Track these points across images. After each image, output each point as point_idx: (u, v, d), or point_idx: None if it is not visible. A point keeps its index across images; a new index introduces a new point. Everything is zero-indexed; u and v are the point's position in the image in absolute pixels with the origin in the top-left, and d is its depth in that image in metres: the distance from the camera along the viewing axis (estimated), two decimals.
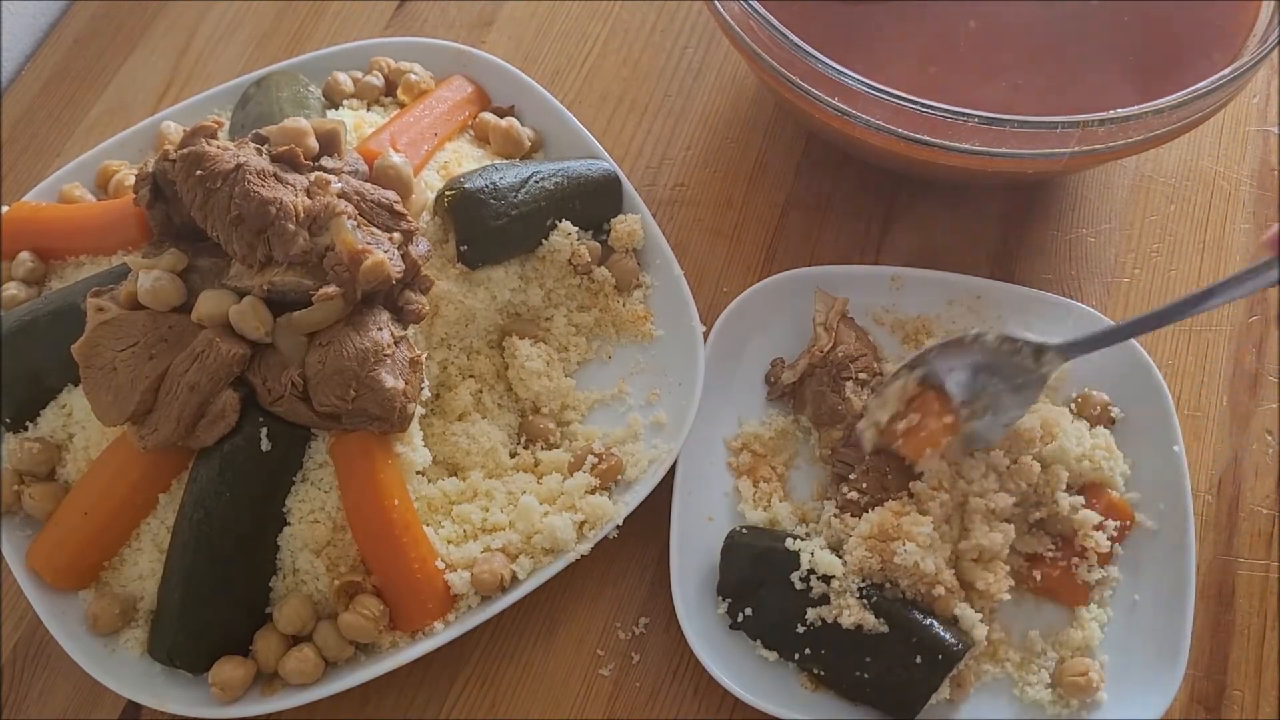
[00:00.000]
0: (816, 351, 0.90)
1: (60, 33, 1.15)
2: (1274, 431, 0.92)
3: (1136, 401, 0.88)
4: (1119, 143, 0.81)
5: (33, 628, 0.86)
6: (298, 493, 0.79)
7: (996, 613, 0.82)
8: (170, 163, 0.78)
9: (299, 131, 0.81)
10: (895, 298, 0.94)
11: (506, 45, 1.13)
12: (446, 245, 0.88)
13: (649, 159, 1.06)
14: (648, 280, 0.94)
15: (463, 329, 0.89)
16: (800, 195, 1.03)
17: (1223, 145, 1.05)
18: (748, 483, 0.88)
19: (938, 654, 0.77)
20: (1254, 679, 0.84)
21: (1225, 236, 1.00)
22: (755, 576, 0.81)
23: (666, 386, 0.89)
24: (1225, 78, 0.80)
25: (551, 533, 0.81)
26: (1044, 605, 0.83)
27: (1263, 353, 0.95)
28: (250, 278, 0.77)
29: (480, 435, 0.86)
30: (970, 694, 0.80)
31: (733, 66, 1.10)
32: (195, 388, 0.75)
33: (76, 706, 0.84)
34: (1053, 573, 0.83)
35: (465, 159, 0.93)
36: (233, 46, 1.14)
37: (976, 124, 0.79)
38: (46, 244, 0.89)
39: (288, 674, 0.78)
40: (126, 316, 0.78)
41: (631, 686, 0.84)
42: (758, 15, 0.83)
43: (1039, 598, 0.83)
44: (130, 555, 0.81)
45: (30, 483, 0.83)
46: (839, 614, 0.78)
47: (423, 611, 0.79)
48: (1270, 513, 0.89)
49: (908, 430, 0.81)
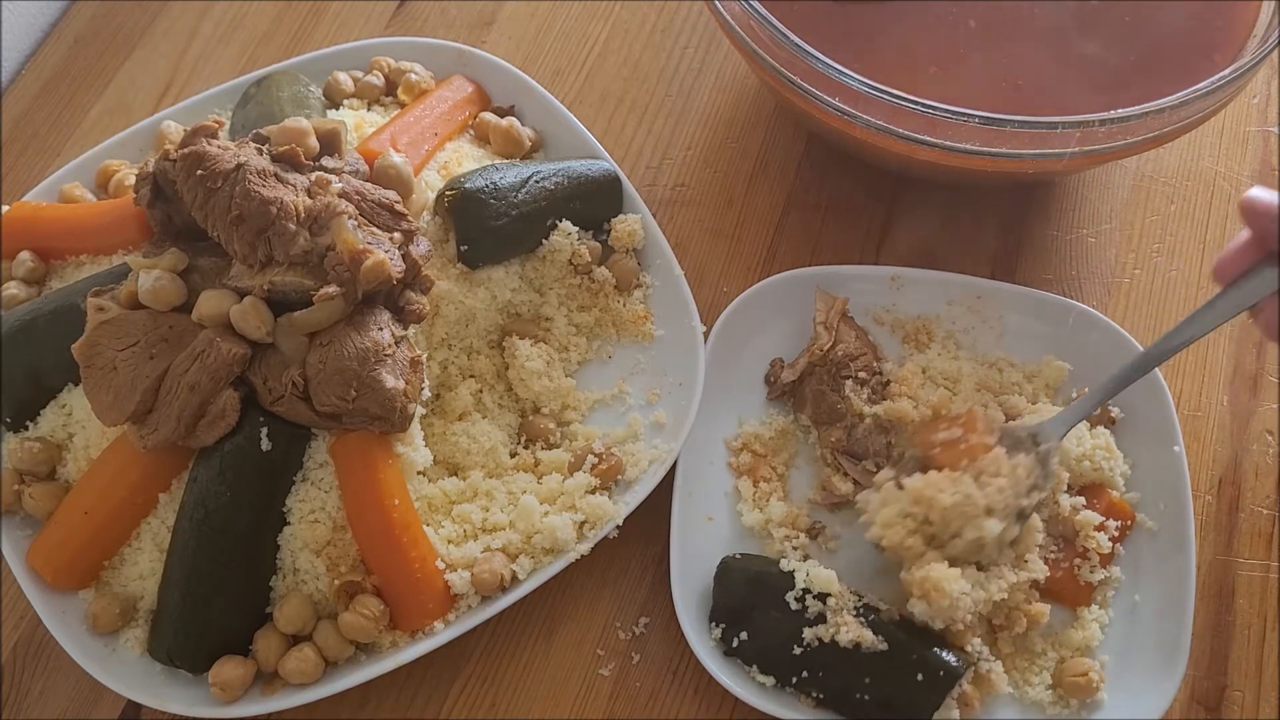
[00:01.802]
0: (816, 350, 0.90)
1: (60, 33, 1.15)
2: (1274, 432, 0.92)
3: (1136, 401, 0.88)
4: (1119, 143, 0.81)
5: (33, 627, 0.86)
6: (298, 492, 0.79)
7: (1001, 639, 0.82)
8: (171, 162, 0.78)
9: (300, 131, 0.81)
10: (895, 298, 0.94)
11: (507, 45, 1.13)
12: (447, 245, 0.88)
13: (649, 159, 1.06)
14: (648, 280, 0.94)
15: (463, 329, 0.89)
16: (800, 195, 1.03)
17: (1223, 145, 1.05)
18: (748, 483, 0.88)
19: (939, 672, 0.76)
20: (1254, 679, 0.84)
21: (1225, 236, 1.00)
22: (750, 600, 0.81)
23: (666, 386, 0.90)
24: (1225, 78, 0.80)
25: (551, 532, 0.81)
26: (1045, 605, 0.83)
27: (1263, 353, 0.95)
28: (251, 277, 0.77)
29: (480, 435, 0.86)
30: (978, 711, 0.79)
31: (733, 66, 1.10)
32: (196, 387, 0.75)
33: (76, 706, 0.84)
34: (1055, 573, 0.82)
35: (466, 159, 0.93)
36: (233, 46, 1.14)
37: (976, 124, 0.79)
38: (46, 244, 0.89)
39: (288, 674, 0.78)
40: (127, 316, 0.78)
41: (631, 686, 0.84)
42: (758, 15, 0.83)
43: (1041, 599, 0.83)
44: (130, 555, 0.81)
45: (30, 482, 0.83)
46: (836, 632, 0.78)
47: (423, 611, 0.79)
48: (1270, 513, 0.89)
49: (948, 442, 0.80)
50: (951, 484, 0.77)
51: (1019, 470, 0.78)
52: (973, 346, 0.92)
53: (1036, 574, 0.81)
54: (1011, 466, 0.78)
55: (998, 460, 0.78)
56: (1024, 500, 0.78)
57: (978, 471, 0.78)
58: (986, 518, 0.76)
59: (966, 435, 0.79)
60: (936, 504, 0.76)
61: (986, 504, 0.76)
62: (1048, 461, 0.80)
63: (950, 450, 0.79)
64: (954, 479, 0.77)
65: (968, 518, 0.76)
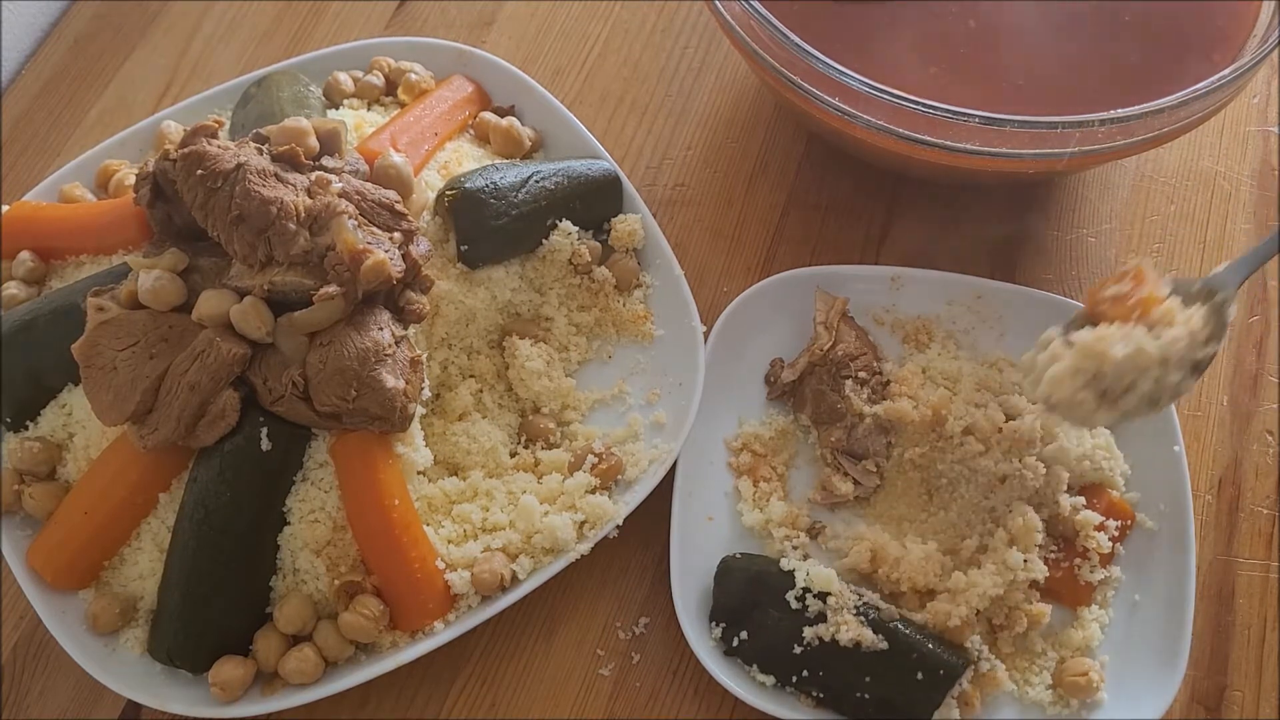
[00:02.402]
0: (816, 350, 0.90)
1: (60, 33, 1.15)
2: (1274, 432, 0.92)
3: None
4: (1119, 143, 0.81)
5: (33, 627, 0.86)
6: (298, 492, 0.79)
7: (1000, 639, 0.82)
8: (171, 162, 0.78)
9: (300, 131, 0.81)
10: (895, 298, 0.94)
11: (507, 45, 1.13)
12: (447, 245, 0.88)
13: (649, 159, 1.06)
14: (648, 280, 0.94)
15: (463, 329, 0.89)
16: (800, 195, 1.03)
17: (1223, 145, 1.05)
18: (748, 483, 0.88)
19: (939, 671, 0.76)
20: (1254, 679, 0.84)
21: (1225, 236, 1.00)
22: (750, 599, 0.81)
23: (666, 386, 0.90)
24: (1225, 78, 0.80)
25: (552, 532, 0.81)
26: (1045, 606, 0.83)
27: (1263, 353, 0.95)
28: (251, 277, 0.77)
29: (480, 435, 0.86)
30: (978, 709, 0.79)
31: (733, 66, 1.10)
32: (196, 387, 0.75)
33: (76, 706, 0.84)
34: (1055, 574, 0.83)
35: (466, 159, 0.93)
36: (233, 46, 1.14)
37: (976, 124, 0.79)
38: (46, 244, 0.89)
39: (288, 674, 0.78)
40: (127, 316, 0.78)
41: (631, 686, 0.84)
42: (758, 15, 0.83)
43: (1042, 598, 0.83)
44: (130, 555, 0.81)
45: (30, 482, 0.83)
46: (836, 630, 0.78)
47: (423, 611, 0.79)
48: (1270, 513, 0.89)
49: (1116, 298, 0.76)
50: (1123, 337, 0.73)
51: (1194, 321, 0.74)
52: (973, 346, 0.92)
53: (1036, 574, 0.81)
54: (1186, 317, 0.74)
55: (1171, 311, 0.74)
56: (1199, 353, 0.74)
57: (1150, 323, 0.74)
58: (1162, 368, 0.73)
59: (1136, 288, 0.75)
60: (1108, 358, 0.72)
61: (1161, 354, 0.72)
62: (1223, 311, 0.76)
63: (1119, 305, 0.75)
64: (1125, 332, 0.73)
65: (1141, 370, 0.72)
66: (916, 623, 0.79)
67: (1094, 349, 0.73)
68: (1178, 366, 0.73)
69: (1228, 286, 0.77)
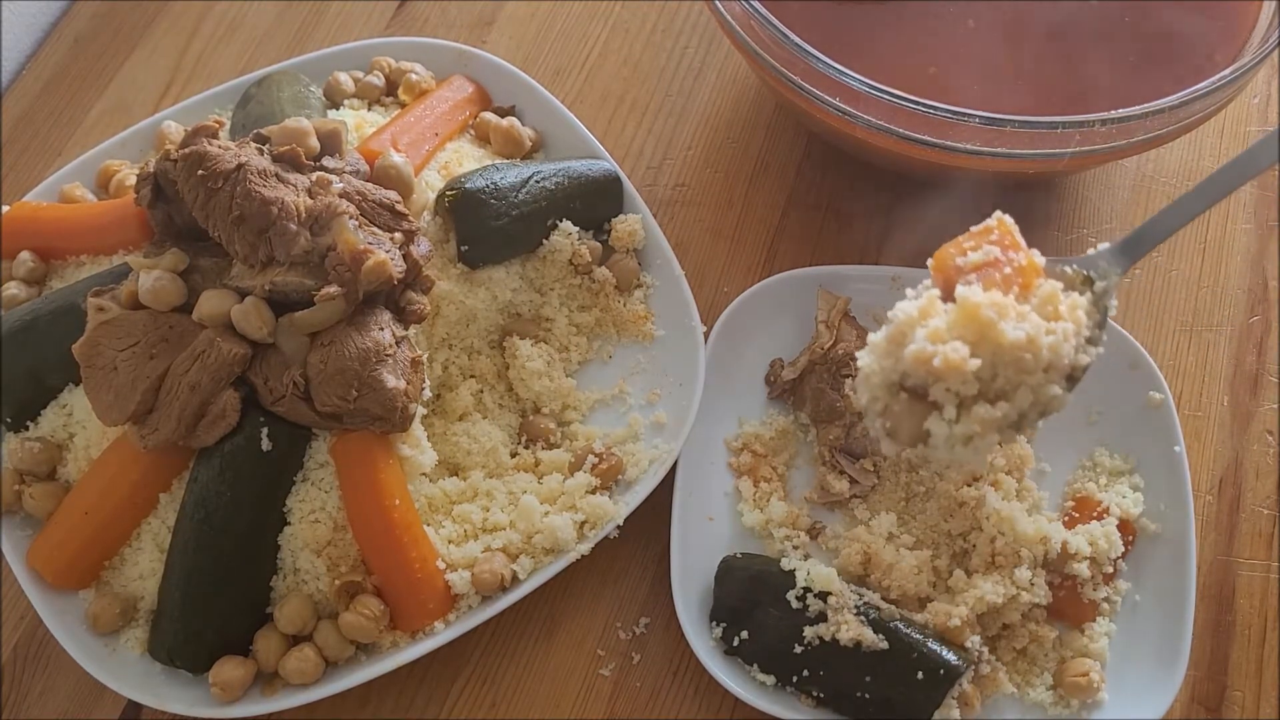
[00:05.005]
0: (817, 349, 0.90)
1: (60, 33, 1.15)
2: (1274, 432, 0.92)
3: (1137, 402, 0.87)
4: (1120, 143, 0.81)
5: (33, 627, 0.86)
6: (298, 492, 0.79)
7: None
8: (172, 162, 0.78)
9: (300, 131, 0.81)
10: (896, 298, 0.93)
11: (507, 45, 1.13)
12: (447, 245, 0.88)
13: (650, 159, 1.06)
14: (648, 280, 0.94)
15: (464, 329, 0.89)
16: (800, 195, 1.03)
17: (1223, 145, 1.05)
18: (748, 483, 0.88)
19: (939, 670, 0.76)
20: (1254, 679, 0.84)
21: (1225, 236, 1.00)
22: (750, 599, 0.81)
23: (667, 386, 0.90)
24: (1226, 78, 0.80)
25: (552, 532, 0.81)
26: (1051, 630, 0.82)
27: (1263, 353, 0.95)
28: (252, 278, 0.77)
29: (481, 435, 0.86)
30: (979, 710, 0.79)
31: (733, 66, 1.10)
32: (196, 387, 0.75)
33: (77, 706, 0.84)
34: (1058, 593, 0.82)
35: (466, 159, 0.93)
36: (233, 46, 1.14)
37: (976, 124, 0.79)
38: (47, 244, 0.89)
39: (288, 674, 0.78)
40: (127, 316, 0.78)
41: (631, 686, 0.84)
42: (758, 15, 0.83)
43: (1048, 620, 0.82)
44: (131, 555, 0.81)
45: (31, 482, 0.83)
46: (837, 630, 0.77)
47: (423, 611, 0.79)
48: (1271, 513, 0.89)
49: (983, 265, 0.58)
50: (1016, 313, 0.56)
51: (1078, 314, 0.58)
52: None
53: (1040, 599, 0.80)
54: (1070, 305, 0.58)
55: (1054, 297, 0.57)
56: (1081, 358, 0.58)
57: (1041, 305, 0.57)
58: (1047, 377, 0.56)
59: (1006, 254, 0.58)
60: (996, 337, 0.55)
61: (1048, 358, 0.56)
62: (1104, 305, 0.60)
63: (987, 275, 0.58)
64: (1019, 309, 0.56)
65: (1026, 372, 0.56)
66: (917, 622, 0.79)
67: (977, 314, 0.54)
68: (1058, 375, 0.57)
69: (1109, 275, 0.63)
